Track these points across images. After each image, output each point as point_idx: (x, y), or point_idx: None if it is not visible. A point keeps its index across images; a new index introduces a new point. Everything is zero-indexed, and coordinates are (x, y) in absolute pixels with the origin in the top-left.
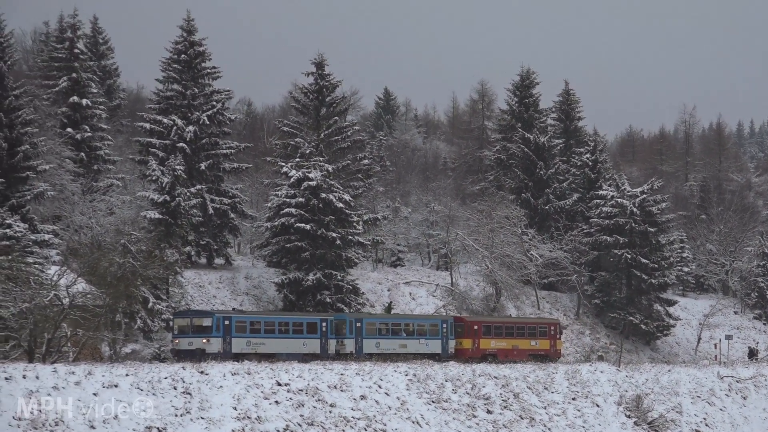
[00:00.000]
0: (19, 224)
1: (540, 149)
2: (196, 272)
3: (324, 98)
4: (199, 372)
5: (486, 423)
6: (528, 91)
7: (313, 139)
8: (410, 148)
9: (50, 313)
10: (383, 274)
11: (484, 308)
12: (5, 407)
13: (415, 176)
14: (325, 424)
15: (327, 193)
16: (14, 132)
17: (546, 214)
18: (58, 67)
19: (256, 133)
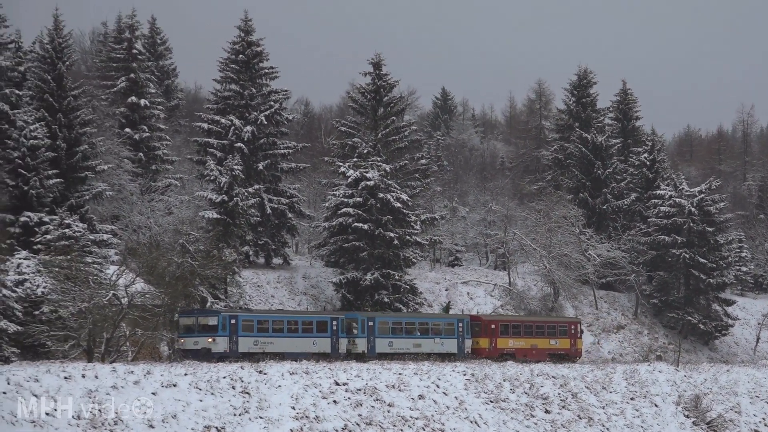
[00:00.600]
0: (78, 224)
1: (597, 149)
2: (254, 272)
3: (381, 98)
4: (258, 371)
5: (544, 423)
6: (585, 91)
7: (370, 139)
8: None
9: (109, 313)
10: (441, 273)
11: (542, 308)
12: (64, 406)
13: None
14: (383, 423)
15: (385, 193)
16: (73, 132)
17: (604, 214)
18: (116, 67)
19: (313, 133)
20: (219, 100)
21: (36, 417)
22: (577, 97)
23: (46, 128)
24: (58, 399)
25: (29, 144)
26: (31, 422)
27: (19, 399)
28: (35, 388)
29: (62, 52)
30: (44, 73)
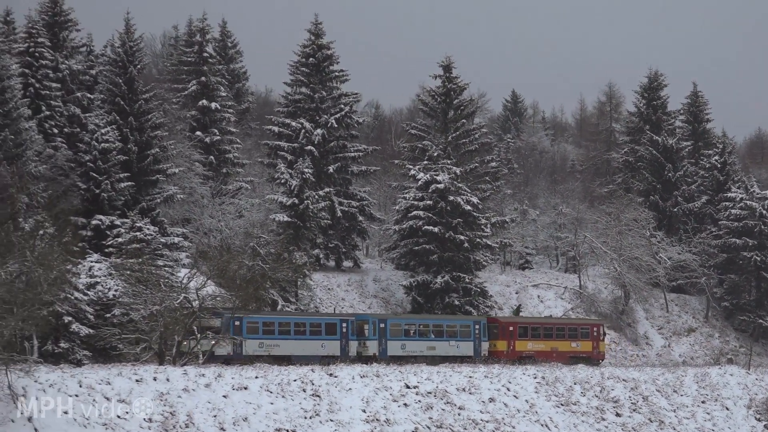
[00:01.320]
0: (150, 227)
1: (668, 151)
2: (325, 275)
3: (451, 101)
4: (329, 374)
5: (615, 426)
6: (656, 93)
7: (440, 142)
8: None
9: (180, 316)
10: (511, 276)
11: (613, 311)
12: (136, 409)
13: (543, 179)
14: (453, 426)
15: (455, 196)
16: (144, 135)
17: (674, 217)
18: (187, 70)
19: (383, 136)
20: (289, 103)
21: (107, 420)
22: (647, 99)
23: (117, 131)
24: (130, 402)
25: (101, 147)
26: (103, 425)
27: (91, 401)
28: (107, 391)
29: (133, 56)
30: (116, 77)
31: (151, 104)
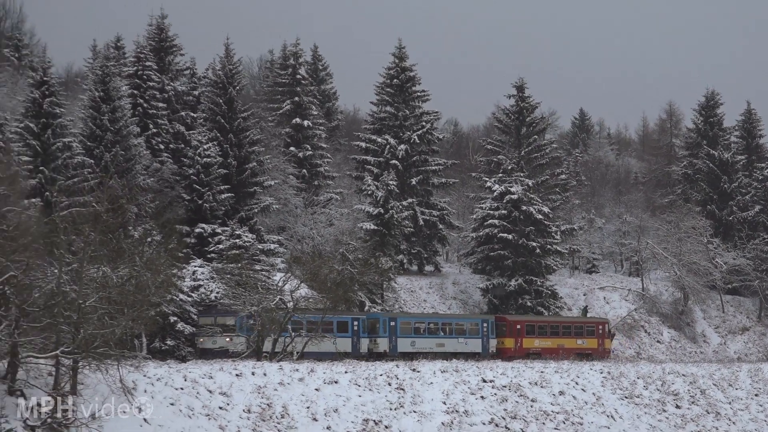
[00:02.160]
0: (248, 235)
1: (724, 164)
2: (408, 278)
3: (524, 118)
4: (412, 369)
5: (675, 417)
6: (712, 111)
7: (514, 156)
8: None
9: (276, 316)
10: (579, 279)
11: (673, 311)
12: (236, 401)
13: (608, 190)
14: (527, 417)
15: (527, 206)
16: (243, 151)
17: (730, 225)
18: (282, 91)
19: (461, 151)
20: (375, 121)
21: (210, 411)
22: (705, 117)
23: (218, 147)
24: (231, 394)
25: (203, 162)
26: (206, 415)
27: (195, 394)
28: (209, 385)
29: (233, 78)
30: (216, 97)
31: (249, 122)
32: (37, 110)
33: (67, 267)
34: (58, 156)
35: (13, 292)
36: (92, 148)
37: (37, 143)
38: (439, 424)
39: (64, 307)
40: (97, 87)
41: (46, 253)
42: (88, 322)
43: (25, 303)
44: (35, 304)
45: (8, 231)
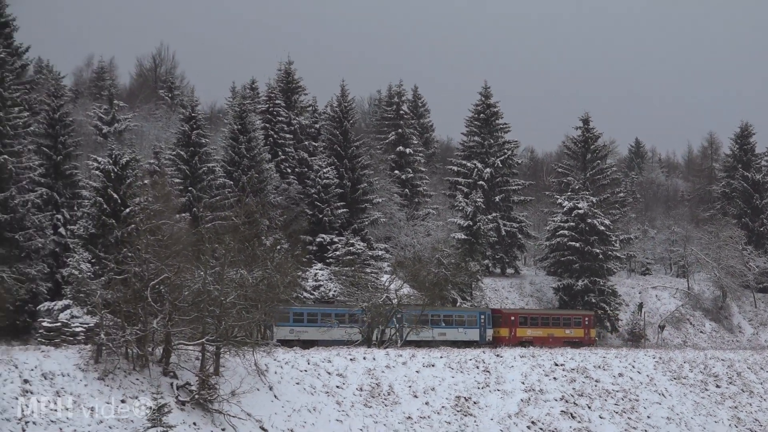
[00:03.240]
0: (360, 243)
1: (756, 184)
2: (492, 279)
3: (589, 146)
4: (496, 355)
5: (715, 395)
6: (746, 140)
7: (581, 178)
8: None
9: (383, 310)
10: (635, 280)
11: (713, 306)
12: (350, 381)
13: (659, 205)
14: (591, 395)
15: (592, 219)
16: (355, 174)
17: (761, 235)
18: (388, 124)
19: (537, 173)
20: (465, 148)
21: (329, 389)
22: (740, 144)
23: (335, 171)
24: (346, 375)
25: (323, 183)
26: (326, 393)
27: (317, 375)
28: (328, 367)
29: (347, 113)
30: (334, 129)
31: (361, 150)
32: (186, 140)
33: (211, 270)
34: (203, 178)
35: (167, 291)
36: (231, 172)
37: (187, 168)
38: (519, 401)
39: (208, 303)
40: (235, 121)
41: (194, 259)
42: (228, 315)
43: (176, 300)
44: (185, 301)
45: (163, 240)
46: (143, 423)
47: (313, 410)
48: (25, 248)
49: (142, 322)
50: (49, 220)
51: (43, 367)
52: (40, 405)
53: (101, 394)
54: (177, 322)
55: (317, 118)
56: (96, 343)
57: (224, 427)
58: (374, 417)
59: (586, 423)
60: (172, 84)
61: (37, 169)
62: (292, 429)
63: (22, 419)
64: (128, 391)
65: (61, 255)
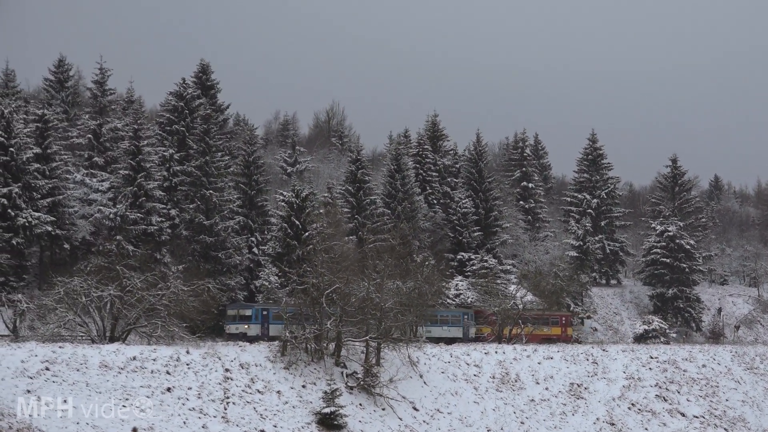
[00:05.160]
0: (492, 260)
1: None
2: (599, 289)
3: (677, 180)
4: (602, 350)
5: None
6: None
7: (670, 206)
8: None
9: (511, 314)
10: (715, 289)
11: None
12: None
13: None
14: (680, 382)
15: (680, 240)
16: (488, 204)
17: None
18: (514, 164)
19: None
20: (576, 183)
21: (468, 377)
22: None
23: (471, 201)
24: (481, 366)
25: (462, 211)
26: (465, 380)
27: (457, 365)
28: (467, 359)
29: (481, 156)
30: (471, 168)
31: (492, 185)
32: (353, 178)
33: (373, 281)
34: (366, 208)
35: (338, 298)
36: (389, 203)
37: (354, 200)
38: (621, 386)
39: (371, 308)
40: (392, 162)
41: (359, 272)
42: (387, 317)
43: (346, 305)
44: (352, 306)
45: (335, 258)
46: (319, 404)
47: (455, 394)
48: (226, 264)
49: (319, 323)
50: (245, 242)
51: (241, 358)
52: (238, 389)
53: (286, 381)
54: (346, 323)
55: (457, 159)
56: (282, 340)
57: (384, 407)
58: (504, 399)
59: (676, 405)
60: (341, 133)
61: (235, 202)
62: (438, 409)
63: (224, 400)
64: (307, 378)
65: (254, 269)
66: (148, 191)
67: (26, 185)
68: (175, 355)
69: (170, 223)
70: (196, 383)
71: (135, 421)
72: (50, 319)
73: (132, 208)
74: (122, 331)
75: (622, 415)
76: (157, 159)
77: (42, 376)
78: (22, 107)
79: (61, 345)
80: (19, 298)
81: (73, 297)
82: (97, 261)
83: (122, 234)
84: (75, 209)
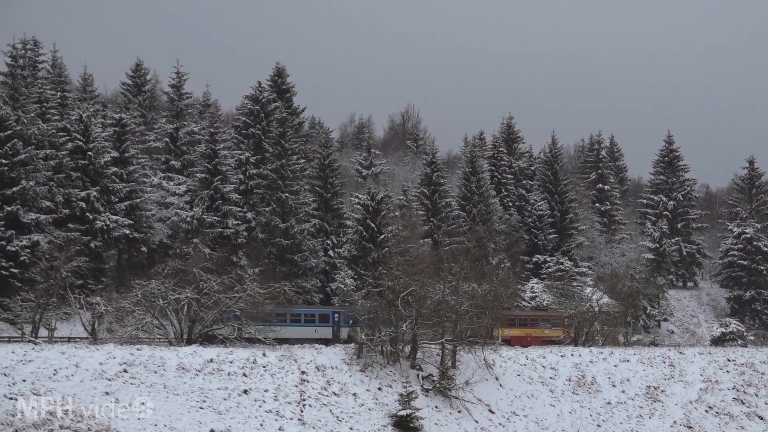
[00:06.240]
0: (568, 262)
1: None
2: (675, 291)
3: (754, 182)
4: (679, 352)
5: None
6: None
7: (747, 208)
8: None
9: (587, 316)
10: None
11: None
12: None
13: None
14: (758, 385)
15: (757, 242)
16: (564, 206)
17: None
18: (589, 166)
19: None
20: (652, 185)
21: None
22: None
23: (547, 204)
24: (557, 368)
25: (537, 214)
26: (541, 383)
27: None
28: (542, 362)
29: (557, 158)
30: (546, 171)
31: (568, 187)
32: (428, 181)
33: (449, 284)
34: (442, 211)
35: (414, 300)
36: (464, 205)
37: (429, 203)
38: (698, 389)
39: (446, 310)
40: (467, 165)
41: (435, 275)
42: (462, 320)
43: (421, 307)
44: (428, 308)
45: (410, 260)
46: (395, 406)
47: (531, 396)
48: (302, 267)
49: (394, 326)
50: (320, 244)
51: (317, 361)
52: (315, 391)
53: (362, 383)
54: (421, 325)
55: (532, 161)
56: (358, 342)
57: (460, 409)
58: (580, 402)
59: (754, 408)
60: (416, 136)
61: (311, 204)
62: (514, 411)
63: (301, 402)
64: (383, 380)
65: (330, 272)
66: (224, 194)
67: (104, 189)
68: (251, 357)
69: (246, 226)
70: (273, 385)
71: (212, 423)
72: (128, 321)
73: (208, 211)
74: (199, 333)
75: (699, 418)
76: (233, 162)
77: (120, 378)
78: (100, 111)
79: (139, 347)
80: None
81: (151, 300)
82: (174, 264)
83: (199, 237)
84: (152, 212)
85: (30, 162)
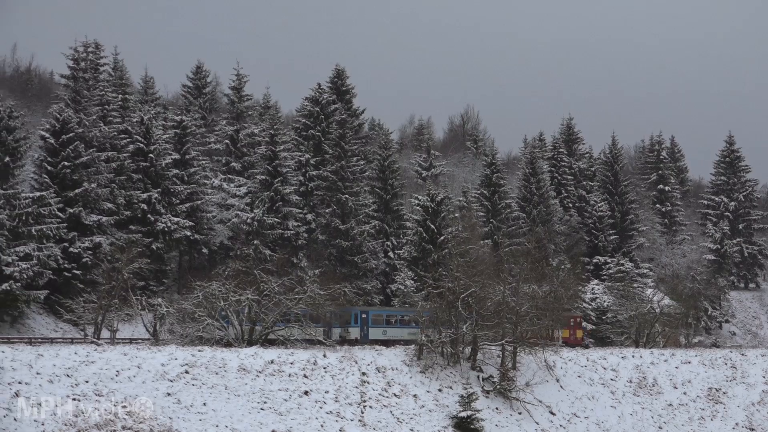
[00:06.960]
0: (628, 264)
1: None
2: (737, 292)
3: None
4: (741, 354)
5: None
6: None
7: None
8: None
9: (648, 318)
10: None
11: None
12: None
13: None
14: None
15: None
16: (624, 207)
17: None
18: (650, 167)
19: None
20: (713, 186)
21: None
22: None
23: (607, 205)
24: (618, 370)
25: (598, 215)
26: (602, 384)
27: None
28: (603, 363)
29: (617, 159)
30: (606, 171)
31: (628, 188)
32: (488, 182)
33: (509, 285)
34: (501, 212)
35: (474, 302)
36: (524, 207)
37: (488, 204)
38: (761, 391)
39: (507, 311)
40: (527, 166)
41: (495, 276)
42: (523, 321)
43: (481, 309)
44: (488, 310)
45: (471, 262)
46: (456, 408)
47: (592, 398)
48: (362, 268)
49: (455, 327)
50: (380, 246)
51: (377, 362)
52: (375, 393)
53: (422, 384)
54: (482, 326)
55: (592, 162)
56: (418, 344)
57: (520, 411)
58: (641, 404)
59: None
60: (476, 137)
61: (371, 206)
62: (575, 413)
63: (361, 403)
64: (444, 382)
65: (390, 273)
66: (284, 196)
67: (165, 191)
68: (312, 358)
69: (306, 228)
70: (333, 387)
71: (273, 424)
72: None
73: (269, 213)
74: (260, 334)
75: (761, 420)
76: (293, 164)
77: (182, 379)
78: (161, 114)
79: (200, 348)
80: (159, 302)
81: (212, 301)
82: (234, 265)
83: (259, 238)
84: (213, 214)
85: (92, 164)
